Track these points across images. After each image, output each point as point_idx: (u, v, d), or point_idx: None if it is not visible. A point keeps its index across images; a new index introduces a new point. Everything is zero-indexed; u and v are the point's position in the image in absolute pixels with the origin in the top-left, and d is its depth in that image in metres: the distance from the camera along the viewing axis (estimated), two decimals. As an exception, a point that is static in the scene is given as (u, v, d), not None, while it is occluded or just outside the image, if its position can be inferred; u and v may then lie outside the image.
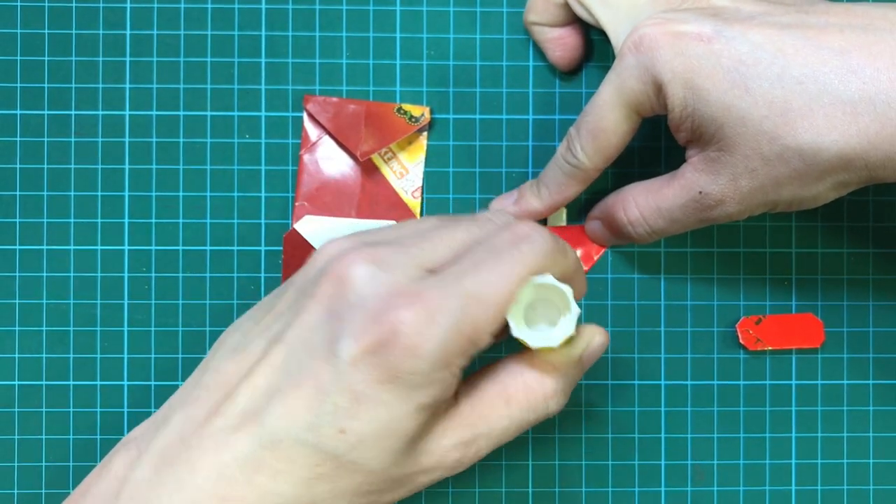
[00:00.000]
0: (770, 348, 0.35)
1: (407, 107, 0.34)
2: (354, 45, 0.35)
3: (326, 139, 0.34)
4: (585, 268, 0.35)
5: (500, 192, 0.35)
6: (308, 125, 0.34)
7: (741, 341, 0.35)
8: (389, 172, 0.34)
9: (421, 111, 0.34)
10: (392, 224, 0.32)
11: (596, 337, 0.28)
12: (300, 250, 0.34)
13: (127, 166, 0.34)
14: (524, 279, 0.24)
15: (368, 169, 0.34)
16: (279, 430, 0.24)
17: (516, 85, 0.35)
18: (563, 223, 0.35)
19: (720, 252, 0.35)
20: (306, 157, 0.34)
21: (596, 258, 0.35)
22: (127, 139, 0.35)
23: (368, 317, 0.23)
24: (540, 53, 0.35)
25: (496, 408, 0.26)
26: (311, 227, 0.34)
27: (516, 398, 0.26)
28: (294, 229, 0.34)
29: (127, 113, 0.35)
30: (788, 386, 0.35)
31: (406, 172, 0.35)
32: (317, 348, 0.24)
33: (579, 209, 0.35)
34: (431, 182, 0.35)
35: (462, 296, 0.23)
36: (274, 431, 0.24)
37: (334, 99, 0.34)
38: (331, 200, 0.34)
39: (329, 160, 0.34)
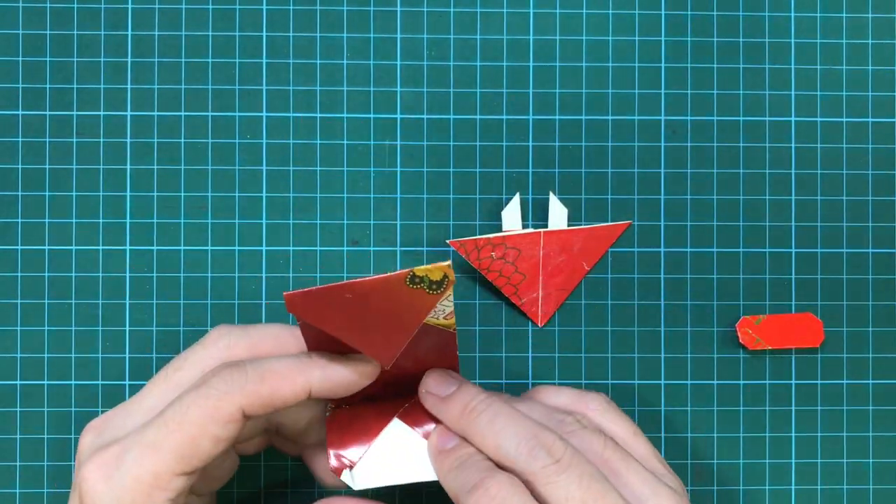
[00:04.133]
0: (770, 348, 0.35)
1: (421, 270, 0.25)
2: (355, 45, 0.35)
3: None
4: (572, 285, 0.35)
5: (500, 192, 0.35)
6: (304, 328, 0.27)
7: (741, 341, 0.35)
8: None
9: (441, 272, 0.26)
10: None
11: None
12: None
13: (128, 166, 0.35)
14: (203, 424, 0.26)
15: None
16: None
17: (516, 85, 0.35)
18: (565, 226, 0.35)
19: (720, 252, 0.35)
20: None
21: (587, 268, 0.35)
22: (128, 139, 0.35)
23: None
24: (540, 54, 0.35)
25: None
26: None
27: None
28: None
29: (128, 113, 0.35)
30: (788, 385, 0.35)
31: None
32: None
33: (580, 210, 0.35)
34: (432, 182, 0.35)
35: (140, 446, 0.26)
36: None
37: (316, 290, 0.25)
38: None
39: None
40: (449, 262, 0.25)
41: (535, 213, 0.35)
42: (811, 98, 0.36)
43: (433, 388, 0.30)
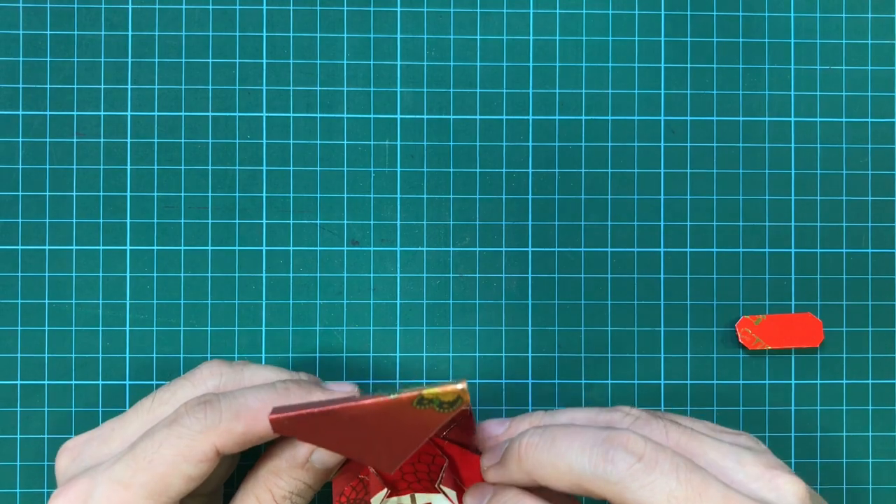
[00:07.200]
0: (769, 348, 0.35)
1: (430, 394, 0.22)
2: (355, 45, 0.35)
3: None
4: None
5: (500, 192, 0.35)
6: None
7: (740, 341, 0.35)
8: None
9: (454, 395, 0.23)
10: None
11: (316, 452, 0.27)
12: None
13: (129, 167, 0.35)
14: (174, 464, 0.26)
15: None
16: None
17: (516, 85, 0.35)
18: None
19: (720, 252, 0.35)
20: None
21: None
22: (129, 140, 0.35)
23: None
24: (540, 54, 0.35)
25: None
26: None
27: None
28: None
29: (129, 114, 0.35)
30: (788, 385, 0.35)
31: None
32: None
33: (580, 210, 0.35)
34: (431, 182, 0.35)
35: (109, 482, 0.26)
36: None
37: (306, 413, 0.23)
38: None
39: None
40: (464, 384, 0.23)
41: (536, 213, 0.35)
42: (811, 98, 0.36)
43: (487, 460, 0.28)
